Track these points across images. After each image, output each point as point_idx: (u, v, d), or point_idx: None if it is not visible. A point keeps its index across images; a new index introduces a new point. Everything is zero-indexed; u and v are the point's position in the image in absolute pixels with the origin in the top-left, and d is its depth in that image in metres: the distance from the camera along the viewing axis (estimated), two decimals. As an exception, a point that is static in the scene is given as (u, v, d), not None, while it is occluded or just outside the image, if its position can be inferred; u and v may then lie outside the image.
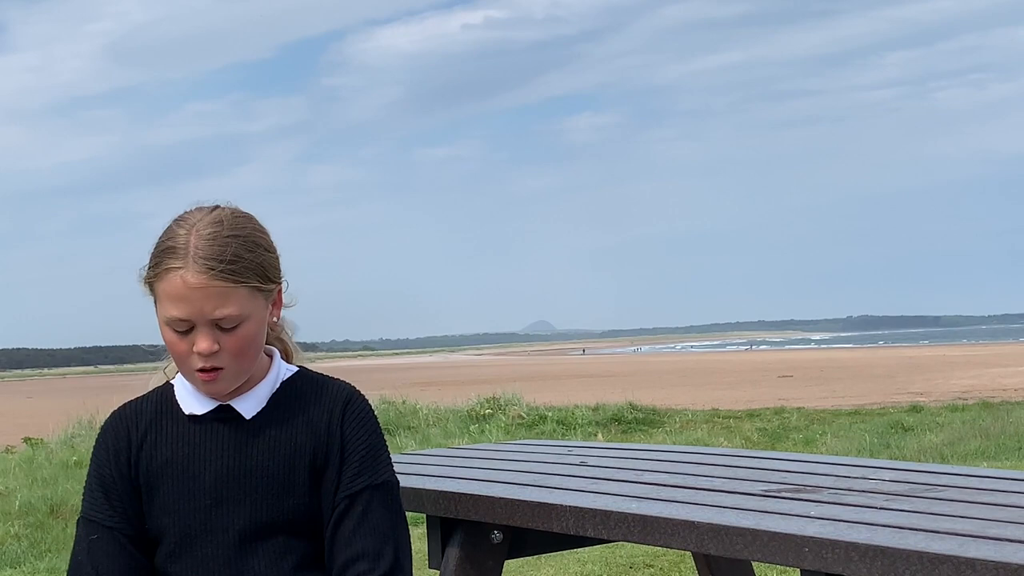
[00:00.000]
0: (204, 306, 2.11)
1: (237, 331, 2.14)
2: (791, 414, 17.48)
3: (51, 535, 9.15)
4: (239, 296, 2.13)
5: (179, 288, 2.11)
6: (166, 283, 2.13)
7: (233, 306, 2.12)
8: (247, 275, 2.14)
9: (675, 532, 2.40)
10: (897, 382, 30.11)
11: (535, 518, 2.72)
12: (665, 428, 16.00)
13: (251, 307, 2.15)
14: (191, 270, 2.10)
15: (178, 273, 2.11)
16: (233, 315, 2.12)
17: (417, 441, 14.51)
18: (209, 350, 2.12)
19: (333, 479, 2.21)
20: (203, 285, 2.10)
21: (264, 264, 2.18)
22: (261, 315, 2.18)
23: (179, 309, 2.12)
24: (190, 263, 2.11)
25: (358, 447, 2.23)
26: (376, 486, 2.22)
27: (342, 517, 2.19)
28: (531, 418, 16.39)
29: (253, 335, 2.16)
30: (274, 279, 2.21)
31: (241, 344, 2.15)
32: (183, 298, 2.11)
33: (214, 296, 2.11)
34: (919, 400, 20.35)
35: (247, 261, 2.14)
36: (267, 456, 2.20)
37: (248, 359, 2.18)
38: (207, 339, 2.12)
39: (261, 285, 2.16)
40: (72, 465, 12.92)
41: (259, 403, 2.23)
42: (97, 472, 2.24)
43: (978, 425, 13.39)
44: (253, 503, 2.18)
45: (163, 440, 2.23)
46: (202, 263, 2.10)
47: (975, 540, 2.05)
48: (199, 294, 2.10)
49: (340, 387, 2.29)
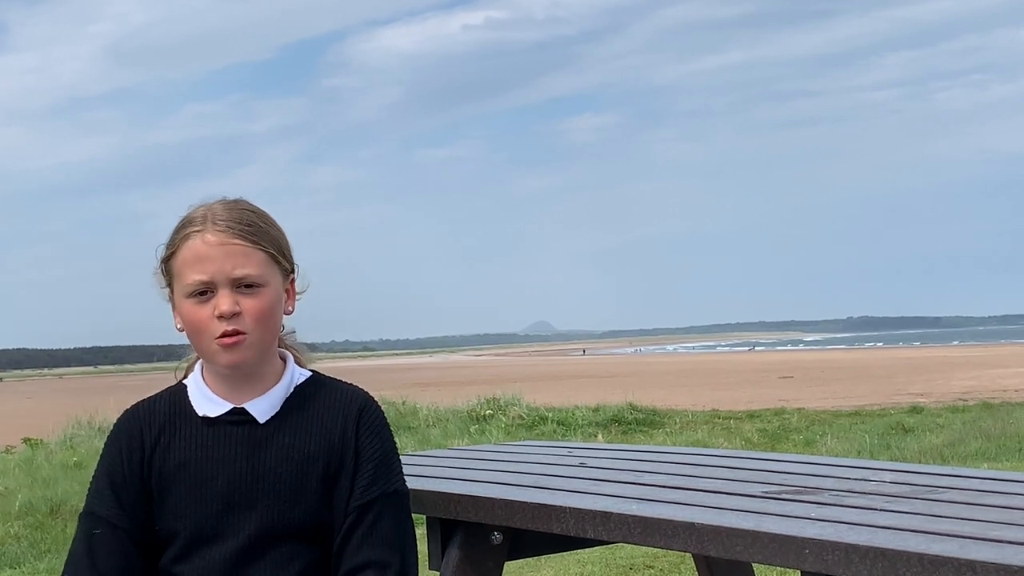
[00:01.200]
0: (224, 264, 2.15)
1: (257, 295, 2.17)
2: (791, 415, 17.48)
3: (51, 535, 9.14)
4: (258, 258, 2.18)
5: (199, 248, 2.16)
6: (185, 249, 2.18)
7: (253, 266, 2.17)
8: (265, 241, 2.20)
9: (675, 533, 2.39)
10: (897, 383, 30.11)
11: (535, 519, 2.71)
12: (665, 429, 15.99)
13: (270, 275, 2.19)
14: (210, 231, 2.17)
15: (198, 236, 2.17)
16: (253, 275, 2.16)
17: (417, 441, 14.51)
18: (231, 310, 2.14)
19: (346, 487, 2.22)
20: (223, 242, 2.16)
21: (279, 239, 2.24)
22: (279, 288, 2.22)
23: (200, 271, 2.16)
24: (209, 226, 2.17)
25: (372, 456, 2.24)
26: (388, 495, 2.23)
27: (353, 526, 2.20)
28: (531, 419, 16.39)
29: (273, 303, 2.20)
30: (289, 259, 2.26)
31: (262, 307, 2.17)
32: (204, 257, 2.16)
33: (235, 254, 2.16)
34: (919, 401, 20.35)
35: (264, 230, 2.21)
36: (279, 462, 2.20)
37: (269, 330, 2.20)
38: (228, 299, 2.15)
39: (277, 256, 2.21)
40: (72, 466, 12.92)
41: (273, 407, 2.24)
42: (108, 470, 2.25)
43: (979, 426, 13.38)
44: (264, 508, 2.19)
45: (177, 442, 2.23)
46: (222, 223, 2.17)
47: (976, 542, 2.04)
48: (220, 251, 2.15)
49: (354, 393, 2.30)
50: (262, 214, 2.25)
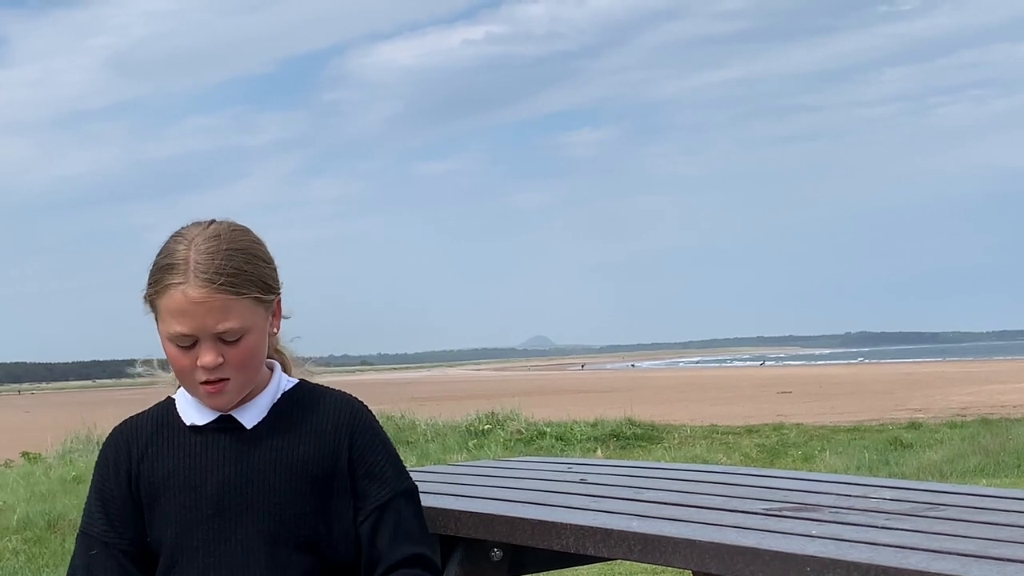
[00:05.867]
0: (207, 320, 2.12)
1: (240, 343, 2.15)
2: (790, 430, 17.46)
3: (49, 550, 9.13)
4: (241, 308, 2.14)
5: (181, 303, 2.12)
6: (167, 299, 2.14)
7: (235, 319, 2.13)
8: (248, 287, 2.15)
9: (676, 551, 2.39)
10: (896, 398, 30.07)
11: (535, 536, 2.71)
12: (664, 444, 15.99)
13: (253, 319, 2.16)
14: (192, 285, 2.12)
15: (179, 288, 2.12)
16: (236, 328, 2.14)
17: (416, 456, 14.50)
18: (214, 363, 2.13)
19: (348, 494, 2.22)
20: (204, 299, 2.11)
21: (263, 275, 2.19)
22: (262, 326, 2.20)
23: (182, 324, 2.13)
24: (191, 278, 2.12)
25: (378, 459, 2.25)
26: (403, 492, 2.25)
27: (377, 527, 2.21)
28: (530, 434, 16.39)
29: (256, 347, 2.18)
30: (273, 289, 2.22)
31: (245, 355, 2.16)
32: (185, 313, 2.12)
33: (216, 310, 2.12)
34: (918, 416, 20.33)
35: (247, 273, 2.15)
36: (268, 466, 2.20)
37: (252, 370, 2.20)
38: (211, 352, 2.13)
39: (261, 296, 2.18)
40: (70, 480, 12.91)
41: (260, 413, 2.24)
42: (98, 487, 2.25)
43: (977, 442, 13.38)
44: (255, 513, 2.18)
45: (164, 451, 2.23)
46: (203, 277, 2.12)
47: (977, 560, 2.04)
48: (201, 308, 2.11)
49: (342, 398, 2.31)
50: (245, 248, 2.18)
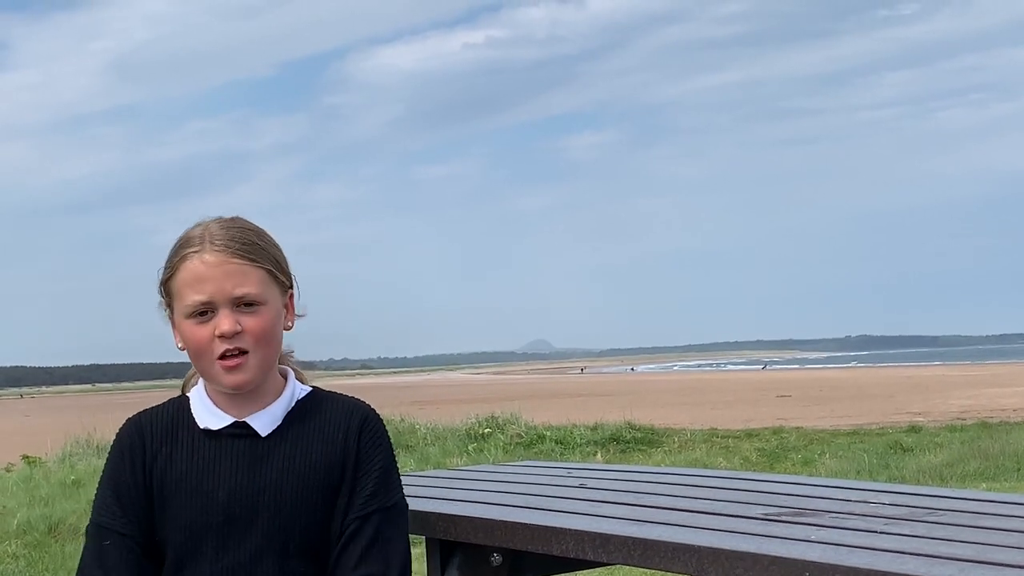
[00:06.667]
0: (224, 284, 2.16)
1: (257, 313, 2.18)
2: (790, 434, 17.48)
3: (49, 554, 9.12)
4: (257, 276, 2.19)
5: (198, 269, 2.17)
6: (184, 270, 2.19)
7: (252, 284, 2.18)
8: (263, 258, 2.21)
9: (675, 556, 2.39)
10: (896, 402, 30.08)
11: (535, 541, 2.71)
12: (664, 448, 15.99)
13: (269, 293, 2.21)
14: (208, 251, 2.18)
15: (196, 256, 2.18)
16: (253, 293, 2.18)
17: (415, 460, 14.50)
18: (232, 330, 2.15)
19: (345, 498, 2.22)
20: (222, 263, 2.17)
21: (276, 256, 2.25)
22: (278, 306, 2.23)
23: (200, 291, 2.17)
24: (207, 246, 2.19)
25: (373, 468, 2.25)
26: (386, 508, 2.24)
27: (351, 538, 2.21)
28: (529, 437, 16.39)
29: (273, 321, 2.21)
30: (286, 273, 2.27)
31: (263, 326, 2.18)
32: (203, 278, 2.17)
33: (233, 273, 2.17)
34: (918, 420, 20.33)
35: (261, 248, 2.22)
36: (281, 475, 2.21)
37: (270, 349, 2.22)
38: (229, 319, 2.16)
39: (276, 273, 2.22)
40: (70, 484, 12.89)
41: (275, 420, 2.25)
42: (111, 478, 2.26)
43: (977, 446, 13.37)
44: (265, 521, 2.19)
45: (178, 453, 2.24)
46: (220, 243, 2.19)
47: (976, 565, 2.05)
48: (219, 271, 2.16)
49: (356, 405, 2.32)
50: (259, 231, 2.26)
